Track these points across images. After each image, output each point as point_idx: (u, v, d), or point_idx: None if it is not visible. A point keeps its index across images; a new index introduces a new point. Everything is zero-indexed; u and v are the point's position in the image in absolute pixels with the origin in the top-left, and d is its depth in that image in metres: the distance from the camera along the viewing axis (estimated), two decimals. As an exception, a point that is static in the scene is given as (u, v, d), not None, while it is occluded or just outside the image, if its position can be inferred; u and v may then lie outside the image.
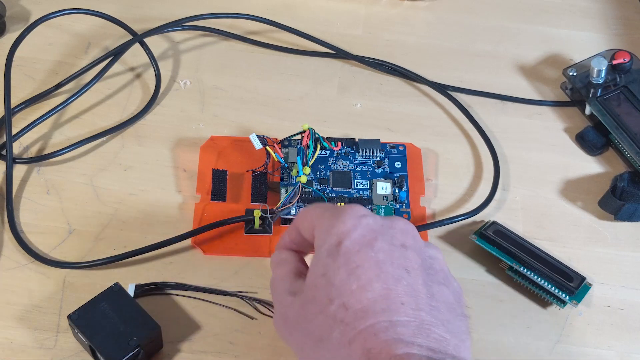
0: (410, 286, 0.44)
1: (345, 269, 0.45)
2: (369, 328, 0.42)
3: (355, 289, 0.44)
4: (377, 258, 0.45)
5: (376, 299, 0.43)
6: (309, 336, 0.45)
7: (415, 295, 0.44)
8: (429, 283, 0.45)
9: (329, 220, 0.47)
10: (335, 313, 0.44)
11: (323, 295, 0.45)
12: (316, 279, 0.46)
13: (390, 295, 0.43)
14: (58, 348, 0.55)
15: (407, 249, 0.46)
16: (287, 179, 0.63)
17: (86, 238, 0.61)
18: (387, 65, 0.74)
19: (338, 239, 0.46)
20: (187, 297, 0.58)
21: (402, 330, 0.42)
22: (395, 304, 0.43)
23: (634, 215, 0.63)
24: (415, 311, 0.43)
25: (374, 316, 0.43)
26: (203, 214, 0.62)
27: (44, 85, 0.70)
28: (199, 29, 0.75)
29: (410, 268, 0.45)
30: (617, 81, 0.70)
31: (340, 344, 0.43)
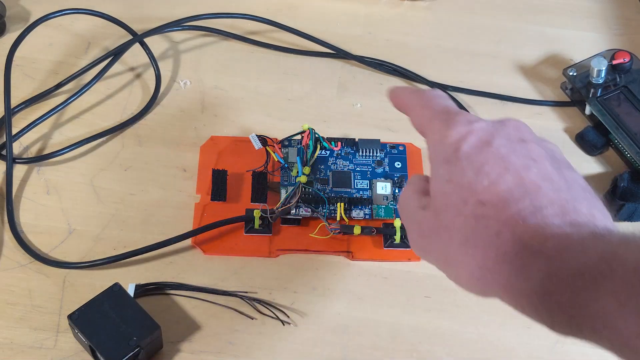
0: (541, 172, 0.43)
1: (471, 169, 0.43)
2: (514, 216, 0.41)
3: (487, 185, 0.42)
4: (500, 153, 0.43)
5: (511, 188, 0.42)
6: (451, 242, 0.43)
7: (550, 179, 0.42)
8: (558, 169, 0.44)
9: (440, 129, 0.46)
10: (474, 211, 0.42)
11: (455, 199, 0.43)
12: (443, 187, 0.44)
13: (524, 182, 0.42)
14: (58, 348, 0.56)
15: (527, 142, 0.45)
16: (287, 179, 0.63)
17: (86, 238, 0.61)
18: (387, 65, 0.74)
19: (454, 147, 0.44)
20: (187, 297, 0.58)
21: (547, 212, 0.40)
22: (533, 188, 0.42)
23: (634, 215, 0.63)
24: (555, 192, 0.42)
25: (515, 203, 0.41)
26: (203, 214, 0.62)
27: (44, 85, 0.70)
28: (199, 29, 0.75)
29: (535, 157, 0.44)
30: (617, 81, 0.70)
31: (488, 238, 0.41)
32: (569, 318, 0.38)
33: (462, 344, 0.57)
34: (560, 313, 0.38)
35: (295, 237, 0.62)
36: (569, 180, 0.43)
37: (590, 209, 0.42)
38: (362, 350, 0.57)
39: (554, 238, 0.39)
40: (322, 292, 0.60)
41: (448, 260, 0.44)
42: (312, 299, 0.59)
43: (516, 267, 0.40)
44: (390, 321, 0.58)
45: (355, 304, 0.59)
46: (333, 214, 0.62)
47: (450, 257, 0.44)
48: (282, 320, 0.58)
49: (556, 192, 0.42)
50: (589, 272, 0.37)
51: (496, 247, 0.40)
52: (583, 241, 0.38)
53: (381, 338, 0.58)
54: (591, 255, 0.37)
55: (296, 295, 0.59)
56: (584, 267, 0.37)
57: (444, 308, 0.59)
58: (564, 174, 0.44)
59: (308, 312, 0.58)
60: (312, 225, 0.62)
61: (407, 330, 0.58)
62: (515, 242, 0.40)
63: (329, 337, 0.57)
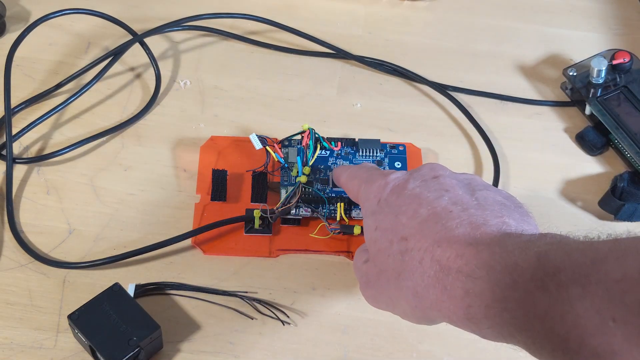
0: (452, 198, 0.46)
1: (391, 212, 0.48)
2: (431, 241, 0.44)
3: (406, 221, 0.46)
4: (414, 192, 0.48)
5: (426, 218, 0.45)
6: (389, 282, 0.47)
7: (460, 203, 0.46)
8: (470, 192, 0.47)
9: (365, 189, 0.52)
10: (399, 248, 0.46)
11: (383, 242, 0.47)
12: (372, 235, 0.49)
13: (436, 210, 0.46)
14: (58, 348, 0.56)
15: (440, 177, 0.49)
16: (287, 179, 0.63)
17: (86, 238, 0.61)
18: (387, 65, 0.74)
19: (376, 199, 0.50)
20: (187, 297, 0.58)
21: (458, 231, 0.44)
22: (444, 213, 0.45)
23: (634, 215, 0.63)
24: (464, 211, 0.45)
25: (430, 230, 0.45)
26: (203, 214, 0.62)
27: (44, 85, 0.70)
28: (199, 29, 0.75)
29: (447, 187, 0.48)
30: (617, 81, 0.70)
31: (414, 268, 0.45)
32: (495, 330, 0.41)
33: (462, 344, 0.57)
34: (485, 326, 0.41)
35: (295, 237, 0.62)
36: (480, 199, 0.46)
37: (502, 219, 0.44)
38: (362, 350, 0.57)
39: (465, 255, 0.42)
40: (322, 292, 0.60)
41: (392, 300, 0.48)
42: (312, 299, 0.59)
43: (440, 289, 0.43)
44: (390, 321, 0.58)
45: (355, 304, 0.59)
46: (333, 214, 0.62)
47: (392, 297, 0.48)
48: (282, 320, 0.58)
49: (466, 211, 0.45)
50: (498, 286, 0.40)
51: (421, 273, 0.44)
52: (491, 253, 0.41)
53: (381, 338, 0.58)
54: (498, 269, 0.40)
55: (296, 295, 0.59)
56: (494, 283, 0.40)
57: (444, 308, 0.59)
58: (476, 195, 0.47)
59: (308, 312, 0.58)
60: (312, 225, 0.62)
61: (407, 330, 0.58)
62: (434, 265, 0.43)
63: (329, 337, 0.57)
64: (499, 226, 0.44)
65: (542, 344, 0.38)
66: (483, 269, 0.41)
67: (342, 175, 0.58)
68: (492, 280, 0.40)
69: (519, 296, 0.39)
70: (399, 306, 0.48)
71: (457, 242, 0.43)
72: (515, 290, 0.39)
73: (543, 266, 0.39)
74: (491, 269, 0.41)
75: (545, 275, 0.38)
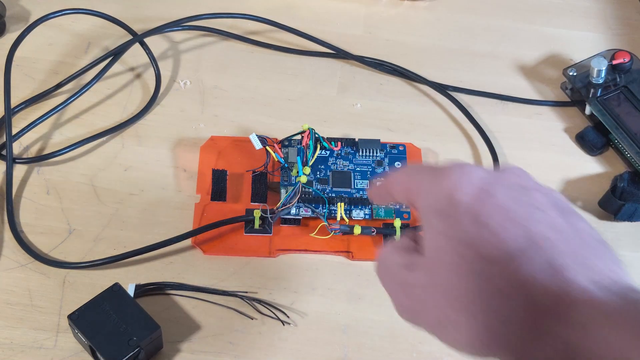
0: (548, 222, 0.38)
1: (469, 220, 0.38)
2: (522, 271, 0.35)
3: (489, 237, 0.37)
4: (501, 202, 0.38)
5: (517, 240, 0.36)
6: (447, 302, 0.38)
7: (559, 230, 0.37)
8: (566, 218, 0.39)
9: (430, 180, 0.40)
10: (474, 267, 0.37)
11: (452, 253, 0.38)
12: (437, 241, 0.39)
13: (531, 234, 0.36)
14: (58, 348, 0.56)
15: (529, 190, 0.39)
16: (287, 179, 0.63)
17: (86, 238, 0.61)
18: (387, 65, 0.74)
19: (449, 197, 0.39)
20: (187, 297, 0.58)
21: (563, 268, 0.35)
22: (540, 240, 0.36)
23: (634, 215, 0.63)
24: (567, 244, 0.37)
25: (522, 257, 0.36)
26: (203, 214, 0.62)
27: (44, 85, 0.70)
28: (199, 29, 0.75)
29: (540, 206, 0.38)
30: (617, 81, 0.70)
31: (493, 298, 0.36)
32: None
33: (462, 344, 0.57)
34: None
35: (295, 237, 0.62)
36: (579, 231, 0.38)
37: (609, 265, 0.37)
38: (362, 350, 0.57)
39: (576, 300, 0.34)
40: (322, 292, 0.60)
41: (443, 323, 0.39)
42: (312, 299, 0.59)
43: (529, 333, 0.35)
44: (390, 321, 0.58)
45: (355, 304, 0.59)
46: (333, 214, 0.62)
47: (445, 320, 0.39)
48: (282, 320, 0.58)
49: (568, 245, 0.37)
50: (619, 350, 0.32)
51: (502, 307, 0.36)
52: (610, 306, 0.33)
53: (381, 338, 0.58)
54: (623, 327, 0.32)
55: (296, 295, 0.59)
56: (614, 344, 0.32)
57: (444, 308, 0.59)
58: (573, 224, 0.39)
59: (308, 312, 0.58)
60: (312, 225, 0.62)
61: (407, 330, 0.58)
62: (526, 302, 0.35)
63: (329, 337, 0.57)
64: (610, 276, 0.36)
65: None
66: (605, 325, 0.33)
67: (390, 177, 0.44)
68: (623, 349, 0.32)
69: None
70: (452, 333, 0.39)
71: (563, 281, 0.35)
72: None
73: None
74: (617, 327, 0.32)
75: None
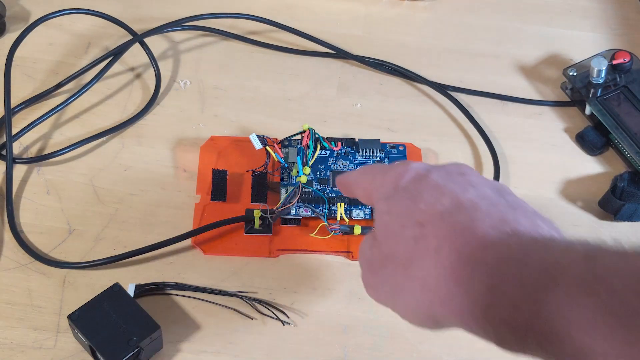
0: (479, 193, 0.42)
1: (408, 198, 0.43)
2: (451, 229, 0.40)
3: (424, 207, 0.42)
4: (437, 183, 0.43)
5: (448, 207, 0.41)
6: (395, 270, 0.42)
7: (488, 198, 0.41)
8: (499, 194, 0.43)
9: (380, 177, 0.47)
10: (413, 233, 0.41)
11: (395, 226, 0.43)
12: (383, 219, 0.44)
13: (460, 201, 0.41)
14: (58, 348, 0.56)
15: (466, 175, 0.44)
16: (287, 179, 0.63)
17: (86, 238, 0.61)
18: (387, 65, 0.74)
19: (393, 185, 0.45)
20: (187, 297, 0.58)
21: (485, 223, 0.39)
22: (470, 205, 0.41)
23: (633, 215, 0.63)
24: (494, 207, 0.41)
25: (451, 218, 0.40)
26: (203, 214, 0.62)
27: (44, 85, 0.70)
28: (199, 29, 0.75)
29: (474, 184, 0.43)
30: (617, 81, 0.70)
31: (428, 256, 0.40)
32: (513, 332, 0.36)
33: (462, 344, 0.57)
34: (504, 327, 0.36)
35: (295, 237, 0.62)
36: (510, 202, 0.42)
37: (533, 220, 0.40)
38: (362, 350, 0.57)
39: (493, 247, 0.38)
40: (322, 292, 0.60)
41: (395, 292, 0.43)
42: (312, 299, 0.59)
43: (457, 281, 0.38)
44: (390, 321, 0.58)
45: (355, 304, 0.59)
46: (333, 214, 0.62)
47: (396, 287, 0.43)
48: (282, 321, 0.58)
49: (494, 207, 0.41)
50: (531, 285, 0.35)
51: (436, 263, 0.39)
52: (524, 250, 0.37)
53: (381, 338, 0.58)
54: (533, 266, 0.36)
55: (296, 295, 0.59)
56: (526, 279, 0.36)
57: (444, 308, 0.59)
58: (506, 198, 0.42)
59: (308, 312, 0.58)
60: (312, 225, 0.62)
61: (407, 330, 0.58)
62: (453, 255, 0.39)
63: (329, 337, 0.57)
64: (532, 228, 0.39)
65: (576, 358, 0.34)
66: (513, 265, 0.36)
67: (350, 175, 0.51)
68: (525, 277, 0.36)
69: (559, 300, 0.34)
70: (401, 299, 0.43)
71: (484, 235, 0.39)
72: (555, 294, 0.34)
73: (593, 269, 0.34)
74: (524, 266, 0.36)
75: (595, 279, 0.33)
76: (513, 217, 0.40)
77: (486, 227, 0.39)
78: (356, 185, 0.50)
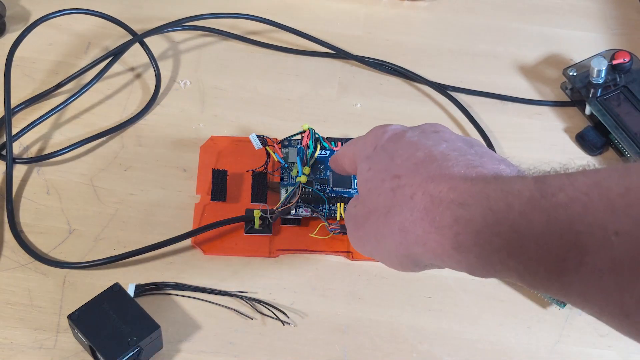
0: (450, 146, 0.47)
1: (386, 155, 0.48)
2: (424, 177, 0.44)
3: (400, 162, 0.47)
4: (412, 140, 0.48)
5: (422, 159, 0.46)
6: (377, 221, 0.47)
7: (458, 150, 0.46)
8: (469, 145, 0.47)
9: (362, 140, 0.52)
10: (391, 185, 0.46)
11: (375, 182, 0.48)
12: (364, 176, 0.49)
13: (433, 153, 0.46)
14: (58, 348, 0.56)
15: (440, 132, 0.49)
16: (287, 179, 0.63)
17: (86, 238, 0.61)
18: (387, 65, 0.74)
19: (372, 146, 0.50)
20: (187, 297, 0.58)
21: (454, 169, 0.44)
22: (442, 157, 0.45)
23: (634, 215, 0.63)
24: (462, 156, 0.45)
25: (424, 170, 0.45)
26: (203, 214, 0.62)
27: (44, 85, 0.70)
28: (199, 29, 0.75)
29: (447, 139, 0.48)
30: (617, 81, 0.70)
31: (404, 203, 0.45)
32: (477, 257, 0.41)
33: (462, 344, 0.57)
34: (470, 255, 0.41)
35: (295, 237, 0.62)
36: (478, 152, 0.47)
37: (497, 165, 0.45)
38: (362, 350, 0.57)
39: (460, 187, 0.42)
40: (322, 292, 0.60)
41: (378, 240, 0.48)
42: (312, 299, 0.59)
43: (428, 221, 0.43)
44: (390, 321, 0.58)
45: (355, 304, 0.59)
46: (333, 214, 0.62)
47: (378, 235, 0.47)
48: (282, 321, 0.58)
49: (463, 156, 0.45)
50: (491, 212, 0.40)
51: (410, 208, 0.44)
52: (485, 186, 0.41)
53: (381, 338, 0.58)
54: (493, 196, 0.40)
55: (296, 295, 0.59)
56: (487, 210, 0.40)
57: (444, 308, 0.59)
58: (475, 149, 0.47)
59: (308, 312, 0.58)
60: (312, 225, 0.62)
61: (407, 330, 0.58)
62: (426, 198, 0.43)
63: (329, 337, 0.57)
64: (495, 170, 0.44)
65: (536, 269, 0.38)
66: (476, 197, 0.41)
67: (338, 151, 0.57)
68: (485, 206, 0.40)
69: (513, 219, 0.39)
70: (383, 245, 0.47)
71: (452, 178, 0.43)
72: (509, 213, 0.39)
73: (541, 188, 0.38)
74: (485, 197, 0.40)
75: (542, 197, 0.38)
76: (479, 162, 0.45)
77: (454, 173, 0.44)
78: (343, 155, 0.56)
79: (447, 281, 0.60)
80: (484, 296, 0.60)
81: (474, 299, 0.60)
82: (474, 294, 0.60)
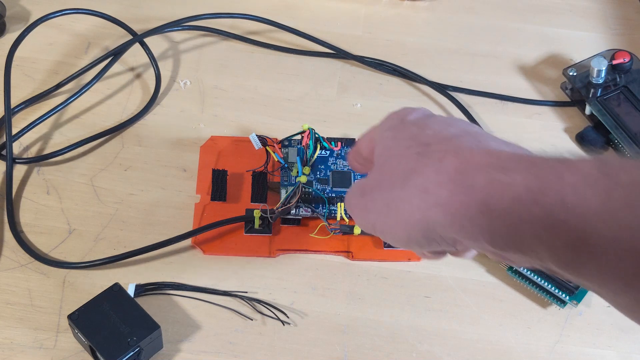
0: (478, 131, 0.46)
1: (415, 126, 0.46)
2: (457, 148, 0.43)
3: (432, 133, 0.45)
4: (444, 118, 0.47)
5: (456, 133, 0.44)
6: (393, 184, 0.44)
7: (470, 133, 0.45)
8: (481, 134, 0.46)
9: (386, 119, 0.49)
10: (417, 150, 0.44)
11: (399, 148, 0.45)
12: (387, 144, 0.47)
13: (468, 130, 0.45)
14: (58, 348, 0.56)
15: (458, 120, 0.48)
16: (287, 179, 0.63)
17: (86, 238, 0.61)
18: (387, 65, 0.74)
19: (400, 119, 0.48)
20: (187, 297, 0.58)
21: (492, 143, 0.43)
22: (476, 133, 0.45)
23: (634, 215, 0.63)
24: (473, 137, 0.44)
25: (457, 141, 0.43)
26: (203, 214, 0.62)
27: (44, 85, 0.70)
28: (199, 29, 0.75)
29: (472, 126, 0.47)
30: (617, 81, 0.70)
31: (431, 164, 0.42)
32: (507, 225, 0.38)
33: (462, 344, 0.57)
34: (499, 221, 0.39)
35: (295, 237, 0.62)
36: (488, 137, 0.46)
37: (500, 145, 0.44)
38: (362, 350, 0.57)
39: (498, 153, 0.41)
40: (322, 292, 0.60)
41: (389, 205, 0.44)
42: (312, 299, 0.59)
43: (458, 182, 0.41)
44: (390, 321, 0.58)
45: (355, 304, 0.59)
46: (333, 214, 0.62)
47: (390, 201, 0.44)
48: (282, 321, 0.58)
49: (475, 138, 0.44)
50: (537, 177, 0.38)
51: (437, 170, 0.42)
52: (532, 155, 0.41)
53: (381, 338, 0.58)
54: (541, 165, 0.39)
55: (296, 295, 0.59)
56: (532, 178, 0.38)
57: (444, 308, 0.59)
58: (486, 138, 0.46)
59: (308, 312, 0.58)
60: (312, 225, 0.62)
61: (407, 330, 0.58)
62: (457, 161, 0.41)
63: (329, 337, 0.57)
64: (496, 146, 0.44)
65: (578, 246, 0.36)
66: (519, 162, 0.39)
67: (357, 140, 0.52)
68: (530, 172, 0.38)
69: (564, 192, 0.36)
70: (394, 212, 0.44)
71: (489, 147, 0.42)
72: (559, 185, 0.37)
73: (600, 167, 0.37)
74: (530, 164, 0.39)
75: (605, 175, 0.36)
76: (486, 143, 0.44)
77: (491, 145, 0.43)
78: (362, 138, 0.51)
79: (447, 281, 0.60)
80: (484, 296, 0.60)
81: (474, 299, 0.60)
82: (474, 294, 0.60)
